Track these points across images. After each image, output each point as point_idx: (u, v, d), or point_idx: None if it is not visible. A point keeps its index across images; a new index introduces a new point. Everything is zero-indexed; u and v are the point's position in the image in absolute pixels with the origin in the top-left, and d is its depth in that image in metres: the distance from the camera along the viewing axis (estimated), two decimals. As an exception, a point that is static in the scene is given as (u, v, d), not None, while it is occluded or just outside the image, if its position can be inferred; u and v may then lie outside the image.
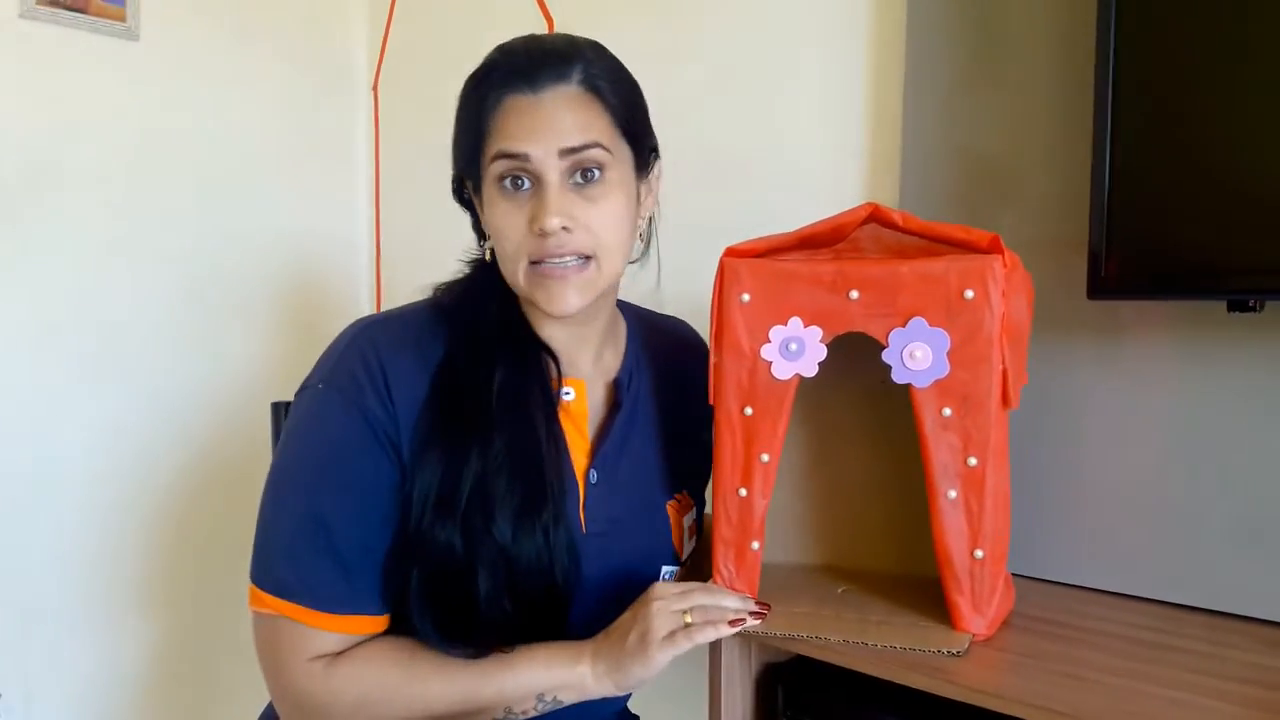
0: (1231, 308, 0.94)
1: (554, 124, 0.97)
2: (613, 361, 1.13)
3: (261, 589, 0.97)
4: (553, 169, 0.96)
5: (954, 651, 0.91)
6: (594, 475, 1.06)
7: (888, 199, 1.28)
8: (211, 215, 1.84)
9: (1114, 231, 0.97)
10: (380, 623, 0.99)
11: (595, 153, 0.98)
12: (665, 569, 1.10)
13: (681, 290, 1.19)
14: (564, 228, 0.96)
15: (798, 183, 1.43)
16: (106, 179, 1.70)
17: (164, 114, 1.77)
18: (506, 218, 0.98)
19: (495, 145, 0.97)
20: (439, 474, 0.96)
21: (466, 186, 1.06)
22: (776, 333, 0.97)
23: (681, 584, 0.99)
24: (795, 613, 0.99)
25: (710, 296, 1.00)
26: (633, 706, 1.23)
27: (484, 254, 1.06)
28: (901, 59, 1.28)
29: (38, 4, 1.60)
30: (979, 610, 0.94)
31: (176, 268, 1.79)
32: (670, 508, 1.12)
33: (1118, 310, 1.09)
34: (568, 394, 1.06)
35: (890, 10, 1.32)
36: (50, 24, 1.63)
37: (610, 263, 1.01)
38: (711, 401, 1.00)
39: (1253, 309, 0.93)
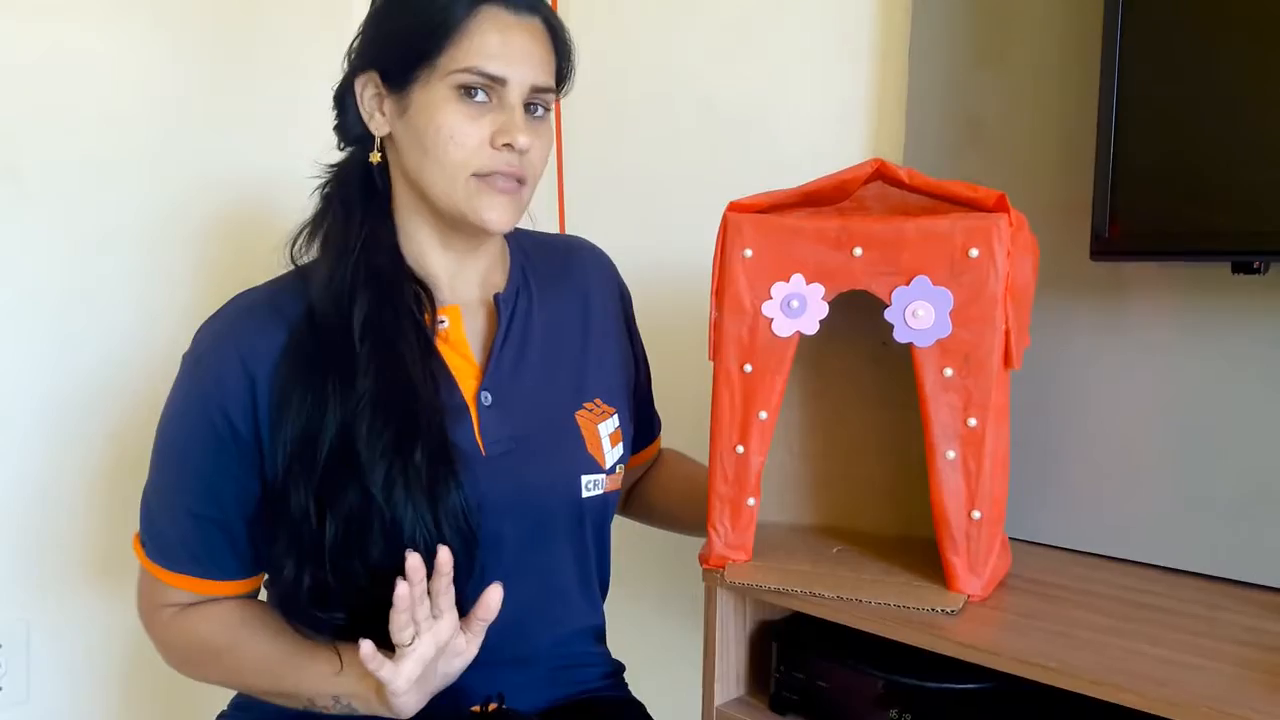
0: (1235, 270, 0.94)
1: (530, 54, 0.99)
2: (498, 281, 1.12)
3: (137, 539, 1.06)
4: (519, 97, 0.99)
5: (948, 610, 0.91)
6: (486, 397, 1.05)
7: (892, 159, 1.27)
8: (196, 168, 1.81)
9: (1118, 192, 0.97)
10: (230, 587, 1.04)
11: (549, 96, 1.03)
12: (586, 478, 1.09)
13: (684, 245, 1.18)
14: (524, 150, 0.99)
15: (802, 141, 1.42)
16: (98, 130, 1.68)
17: (157, 65, 1.75)
18: (465, 124, 0.97)
19: (469, 58, 0.96)
20: (299, 429, 0.96)
21: (362, 82, 1.03)
22: (778, 289, 0.96)
23: None
24: (790, 569, 0.99)
25: (712, 252, 0.99)
26: (625, 660, 1.23)
27: (373, 157, 1.04)
28: (908, 18, 1.26)
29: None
30: (975, 571, 0.94)
31: (167, 222, 1.78)
32: (580, 417, 1.11)
33: (1121, 272, 1.08)
34: (442, 323, 1.05)
35: (899, -29, 1.31)
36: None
37: (530, 192, 1.04)
38: (710, 357, 1.00)
39: (1257, 271, 0.92)
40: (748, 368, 0.98)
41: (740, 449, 0.99)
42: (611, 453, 1.13)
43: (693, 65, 1.52)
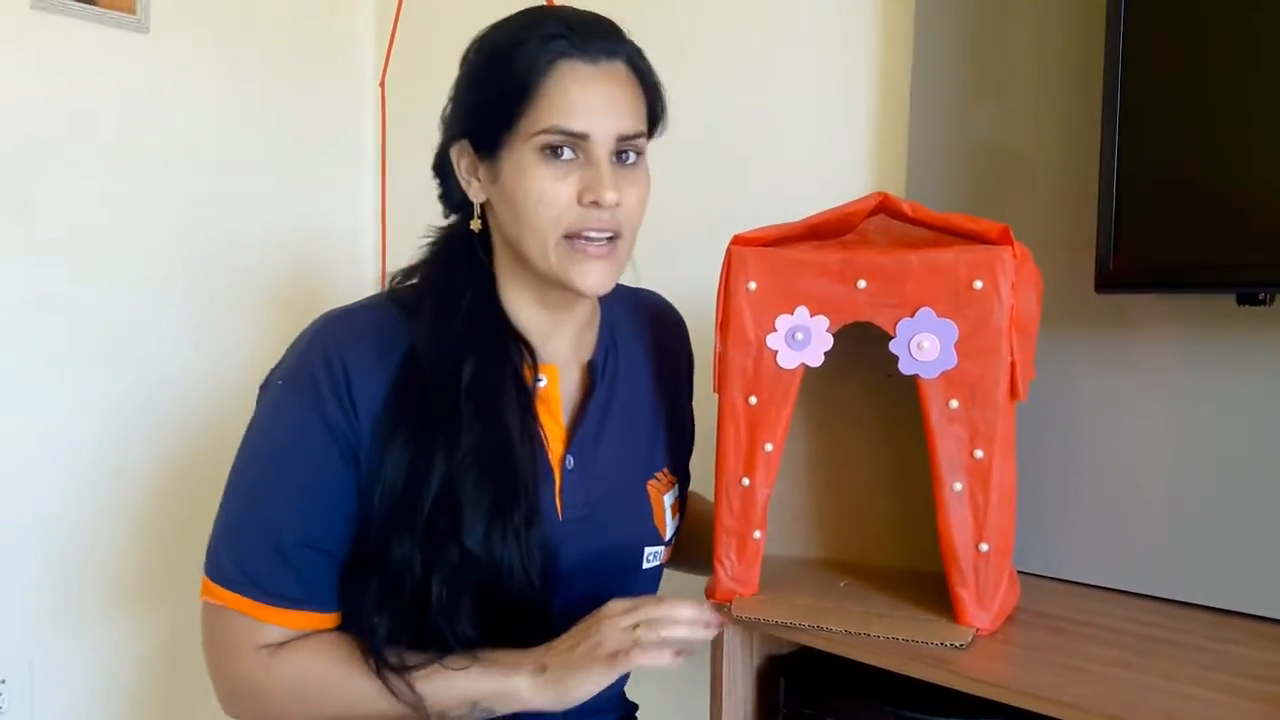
0: (1241, 301, 0.94)
1: (612, 104, 0.97)
2: (589, 343, 1.12)
3: (213, 580, 0.98)
4: (605, 150, 0.97)
5: (957, 644, 0.90)
6: (570, 461, 1.05)
7: (894, 191, 1.28)
8: (217, 208, 1.84)
9: (1122, 224, 0.97)
10: (328, 620, 0.99)
11: (640, 140, 1.00)
12: (649, 549, 1.08)
13: (689, 278, 1.18)
14: (614, 206, 0.97)
15: (805, 173, 1.43)
16: (114, 170, 1.70)
17: (172, 106, 1.77)
18: (551, 185, 0.96)
19: (549, 118, 0.94)
20: (401, 478, 0.94)
21: (457, 151, 1.02)
22: (783, 322, 0.96)
23: (634, 599, 0.95)
24: (797, 604, 0.99)
25: (716, 285, 0.99)
26: (634, 697, 1.22)
27: (473, 224, 1.04)
28: (909, 51, 1.27)
29: (48, -6, 1.61)
30: (983, 604, 0.94)
31: (180, 259, 1.79)
32: (650, 487, 1.10)
33: (1125, 304, 1.08)
34: (541, 381, 1.05)
35: (899, 1, 1.32)
36: (61, 15, 1.63)
37: (628, 245, 1.01)
38: (715, 390, 1.00)
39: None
40: (753, 400, 0.98)
41: (746, 481, 0.99)
42: (671, 524, 1.12)
43: (696, 98, 1.53)
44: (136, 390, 1.74)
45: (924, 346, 0.92)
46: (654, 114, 1.04)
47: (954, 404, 0.91)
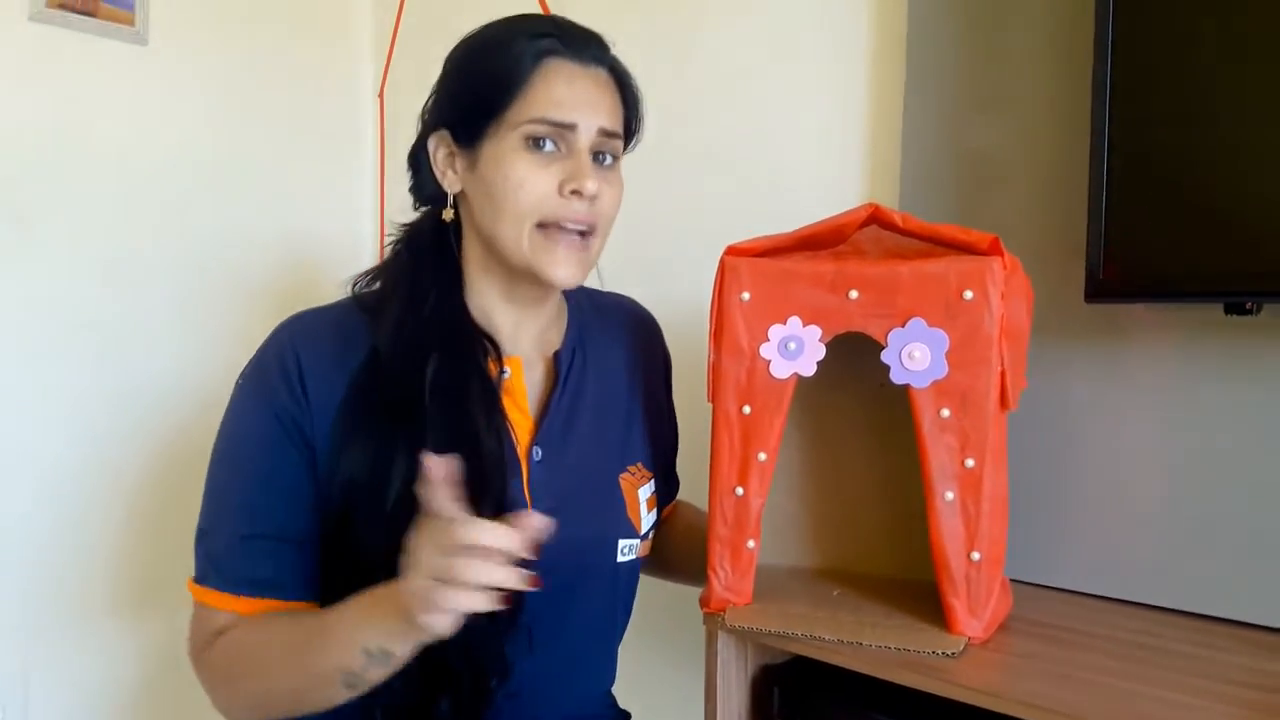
0: (1228, 311, 0.94)
1: (597, 100, 1.00)
2: (555, 338, 1.13)
3: (192, 579, 1.00)
4: (587, 143, 1.00)
5: (949, 653, 0.90)
6: (538, 452, 1.05)
7: (887, 203, 1.29)
8: (216, 219, 1.85)
9: (1112, 234, 0.98)
10: (295, 609, 0.98)
11: (618, 142, 1.04)
12: (622, 543, 1.08)
13: (682, 288, 1.19)
14: (593, 197, 0.99)
15: (798, 185, 1.44)
16: (113, 180, 1.71)
17: (171, 118, 1.78)
18: (532, 173, 0.98)
19: (537, 109, 0.97)
20: (362, 475, 0.95)
21: (435, 141, 1.04)
22: (775, 332, 0.97)
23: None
24: (791, 613, 0.99)
25: (710, 295, 1.00)
26: (626, 705, 1.23)
27: (445, 214, 1.06)
28: (902, 62, 1.28)
29: (47, 6, 1.62)
30: (975, 613, 0.94)
31: (179, 270, 1.80)
32: (623, 480, 1.11)
33: (1115, 314, 1.09)
34: (505, 373, 1.05)
35: (892, 10, 1.33)
36: (59, 27, 1.64)
37: (599, 244, 1.04)
38: (709, 399, 1.00)
39: (1250, 312, 0.93)
40: (746, 409, 0.98)
41: (739, 491, 0.99)
42: (647, 518, 1.12)
43: (692, 110, 1.54)
44: (130, 399, 1.74)
45: (915, 356, 0.92)
46: (630, 126, 1.07)
47: (945, 413, 0.92)
